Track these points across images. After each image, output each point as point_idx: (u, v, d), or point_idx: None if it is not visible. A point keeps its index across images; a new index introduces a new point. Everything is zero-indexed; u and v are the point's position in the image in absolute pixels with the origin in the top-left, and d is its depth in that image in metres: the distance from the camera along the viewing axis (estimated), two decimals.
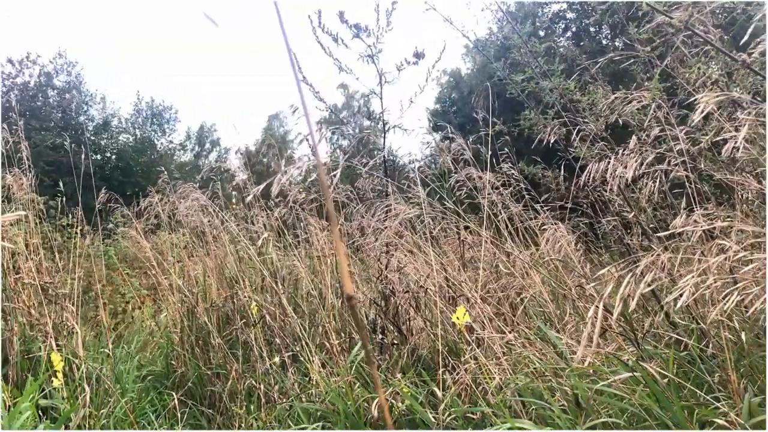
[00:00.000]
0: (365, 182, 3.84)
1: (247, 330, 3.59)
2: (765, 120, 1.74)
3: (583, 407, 1.90)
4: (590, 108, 3.14)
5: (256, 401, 3.22)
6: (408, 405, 2.46)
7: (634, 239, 2.83)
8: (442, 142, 4.07)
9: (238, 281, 4.08)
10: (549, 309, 2.74)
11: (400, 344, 3.08)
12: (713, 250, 1.86)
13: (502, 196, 3.48)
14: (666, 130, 2.24)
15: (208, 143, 30.94)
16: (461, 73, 21.46)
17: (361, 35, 4.03)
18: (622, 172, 2.07)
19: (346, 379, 2.70)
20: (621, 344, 2.16)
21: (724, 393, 1.92)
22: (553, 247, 2.92)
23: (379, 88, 4.02)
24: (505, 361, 2.31)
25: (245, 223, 4.68)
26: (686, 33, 1.91)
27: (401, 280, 3.25)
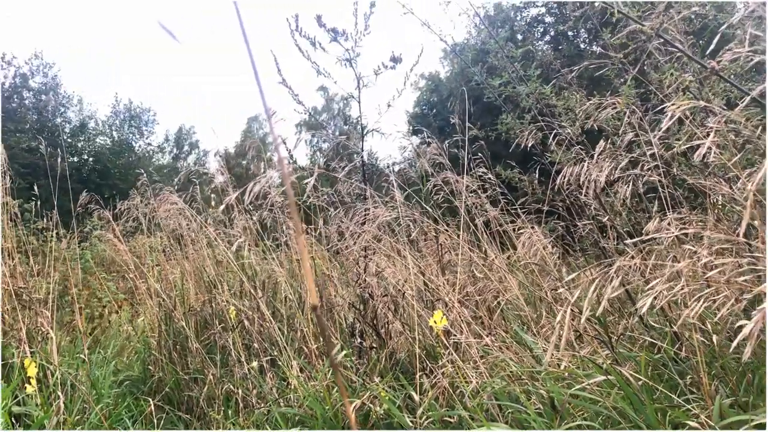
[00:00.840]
0: (344, 186, 3.84)
1: (225, 334, 3.58)
2: (735, 126, 1.78)
3: (558, 410, 1.91)
4: (566, 113, 3.17)
5: (234, 406, 3.20)
6: (386, 409, 2.47)
7: (609, 243, 2.86)
8: (420, 147, 4.08)
9: (216, 285, 4.05)
10: (525, 312, 2.76)
11: (378, 348, 3.08)
12: (686, 254, 1.88)
13: (480, 199, 3.50)
14: (639, 136, 2.27)
15: (187, 145, 30.76)
16: (440, 77, 21.56)
17: (338, 39, 4.03)
18: (596, 176, 2.09)
19: (324, 383, 2.70)
20: (596, 348, 2.18)
21: (697, 395, 1.95)
22: (529, 251, 2.95)
23: (357, 92, 4.03)
24: (482, 364, 2.32)
25: (224, 226, 4.65)
26: (658, 40, 1.94)
27: (380, 283, 3.26)
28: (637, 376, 1.84)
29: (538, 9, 17.70)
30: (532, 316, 2.75)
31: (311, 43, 3.99)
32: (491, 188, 3.64)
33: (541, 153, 3.41)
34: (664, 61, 2.34)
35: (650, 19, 1.87)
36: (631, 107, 2.28)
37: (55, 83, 22.64)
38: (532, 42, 14.71)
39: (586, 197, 2.64)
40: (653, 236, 1.90)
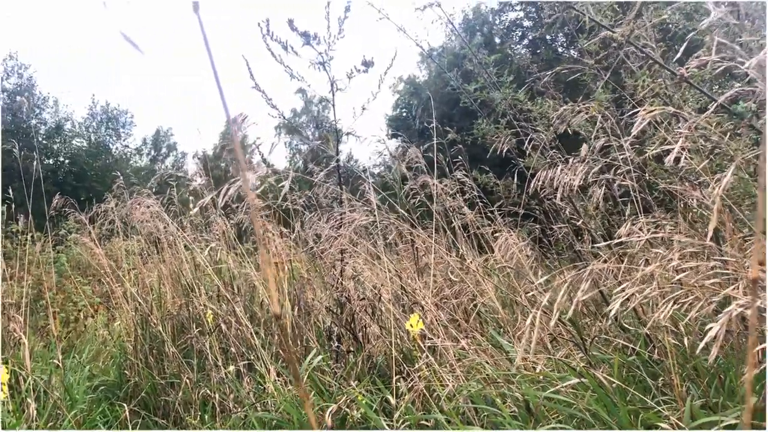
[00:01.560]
0: (320, 189, 3.84)
1: (202, 339, 3.55)
2: (705, 132, 1.81)
3: (533, 413, 1.93)
4: (541, 117, 3.20)
5: (211, 411, 3.18)
6: (362, 413, 2.47)
7: (584, 246, 2.89)
8: (397, 150, 4.09)
9: (193, 289, 4.03)
10: (501, 316, 2.78)
11: (356, 351, 3.08)
12: (657, 257, 1.91)
13: (457, 203, 3.52)
14: (612, 141, 2.30)
15: (165, 147, 30.50)
16: (418, 80, 21.63)
17: (311, 43, 4.03)
18: (570, 179, 2.11)
19: (301, 387, 2.69)
20: (570, 350, 2.20)
21: (670, 396, 1.98)
22: (505, 254, 2.97)
23: (331, 95, 4.03)
24: (458, 368, 2.33)
25: (201, 230, 4.63)
26: (629, 47, 1.97)
27: (357, 287, 3.26)
28: (611, 379, 1.86)
29: (516, 13, 17.85)
30: (508, 319, 2.77)
31: (283, 47, 3.99)
32: (469, 192, 3.66)
33: (516, 157, 3.44)
34: (637, 67, 2.37)
35: (622, 26, 1.89)
36: (603, 113, 2.31)
37: (30, 84, 22.35)
38: (510, 46, 14.81)
39: (561, 201, 2.66)
40: (625, 240, 1.93)
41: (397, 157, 4.30)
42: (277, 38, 3.93)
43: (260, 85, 4.05)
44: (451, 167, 3.85)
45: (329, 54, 3.97)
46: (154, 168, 27.68)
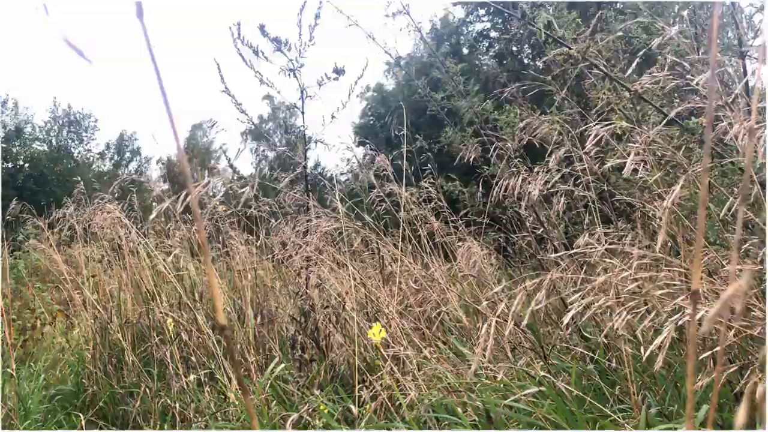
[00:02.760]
0: (286, 196, 3.82)
1: (163, 347, 3.50)
2: (661, 145, 1.85)
3: (493, 422, 1.94)
4: (507, 126, 3.24)
5: (171, 420, 3.13)
6: (324, 422, 2.45)
7: (545, 255, 2.92)
8: (364, 158, 4.09)
9: (154, 297, 3.97)
10: (464, 324, 2.79)
11: (318, 360, 3.06)
12: (615, 267, 1.94)
13: (423, 211, 3.53)
14: (573, 152, 2.33)
15: (129, 152, 30.03)
16: (385, 88, 21.67)
17: (282, 49, 4.02)
18: (531, 189, 2.14)
19: (262, 396, 2.67)
20: (531, 359, 2.22)
21: (627, 404, 2.01)
22: (467, 263, 2.98)
23: (301, 102, 4.02)
24: (420, 376, 2.33)
25: (163, 236, 4.56)
26: (585, 63, 2.01)
27: (321, 295, 3.24)
28: (569, 388, 1.88)
29: (484, 24, 18.03)
30: (471, 328, 2.78)
31: (254, 52, 3.97)
32: (436, 200, 3.68)
33: (482, 166, 3.47)
34: (597, 80, 2.42)
35: (579, 42, 1.93)
36: (564, 126, 2.34)
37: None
38: (478, 56, 14.99)
39: (523, 210, 2.69)
40: (583, 250, 1.96)
41: (365, 165, 4.31)
42: (249, 43, 3.91)
43: (228, 90, 4.03)
44: (420, 175, 3.87)
45: (299, 61, 3.97)
46: (118, 173, 27.27)
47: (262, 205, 4.01)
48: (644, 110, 2.19)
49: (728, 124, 1.75)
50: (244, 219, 4.15)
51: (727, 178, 2.07)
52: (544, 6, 2.49)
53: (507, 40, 3.13)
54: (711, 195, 1.97)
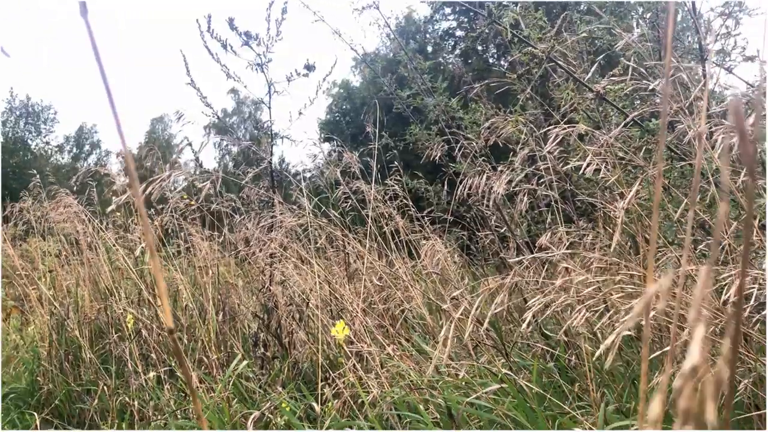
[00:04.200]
0: (251, 192, 3.78)
1: (122, 344, 3.43)
2: (622, 146, 1.87)
3: (454, 419, 1.94)
4: (472, 125, 3.25)
5: (129, 418, 3.08)
6: (286, 420, 2.44)
7: (508, 253, 2.94)
8: (330, 155, 4.08)
9: (113, 293, 3.89)
10: (428, 322, 2.80)
11: (281, 358, 3.04)
12: (576, 266, 1.96)
13: (388, 208, 3.53)
14: (537, 151, 2.36)
15: (88, 145, 29.40)
16: (352, 85, 21.63)
17: (250, 44, 3.98)
18: (495, 187, 2.15)
19: (223, 394, 2.64)
20: (493, 356, 2.24)
21: (587, 401, 2.04)
22: (431, 261, 2.99)
23: (268, 97, 3.98)
24: (383, 374, 2.33)
25: (123, 231, 4.48)
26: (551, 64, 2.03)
27: (285, 292, 3.22)
28: (530, 385, 1.90)
29: (449, 23, 18.12)
30: (434, 326, 2.79)
31: (222, 46, 3.92)
32: (402, 198, 3.68)
33: (447, 164, 3.48)
34: (561, 81, 2.44)
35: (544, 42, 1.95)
36: (529, 125, 2.36)
37: None
38: (443, 55, 15.05)
39: (487, 208, 2.71)
40: (545, 248, 1.98)
41: (331, 161, 4.29)
42: (217, 36, 3.85)
43: (194, 83, 3.97)
44: (386, 173, 3.86)
45: (267, 56, 3.92)
46: (76, 166, 26.68)
47: (225, 200, 3.96)
48: (606, 112, 2.23)
49: (687, 126, 1.78)
50: (207, 214, 4.09)
51: (686, 180, 2.12)
52: (510, 6, 2.51)
53: (473, 39, 3.14)
54: (670, 196, 2.00)
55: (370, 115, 4.07)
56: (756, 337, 1.79)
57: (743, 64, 2.43)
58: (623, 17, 2.94)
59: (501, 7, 2.54)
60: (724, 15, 2.49)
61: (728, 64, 2.49)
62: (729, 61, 2.55)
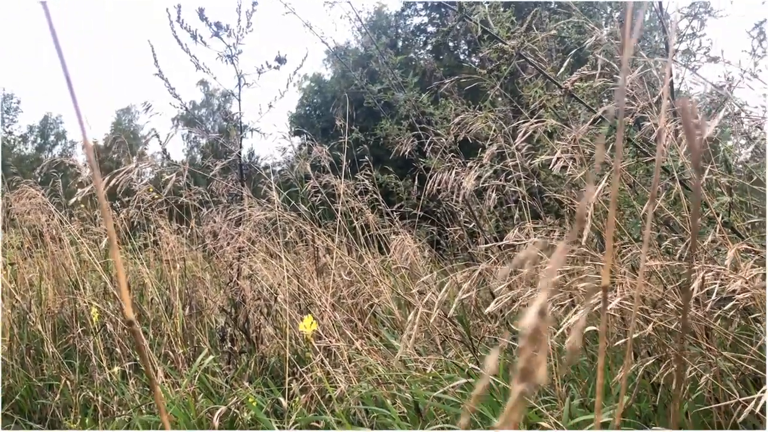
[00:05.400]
0: (219, 185, 3.74)
1: (86, 338, 3.38)
2: (589, 143, 1.90)
3: (421, 414, 1.95)
4: (442, 121, 3.26)
5: (93, 414, 3.03)
6: (253, 415, 2.42)
7: (477, 248, 2.96)
8: (301, 148, 4.05)
9: (77, 286, 3.82)
10: (396, 317, 2.81)
11: (249, 353, 3.02)
12: (544, 261, 1.98)
13: (358, 203, 3.52)
14: (505, 148, 2.37)
15: (53, 136, 28.81)
16: (323, 78, 21.53)
17: (221, 35, 3.93)
18: (463, 183, 2.16)
19: (189, 389, 2.61)
20: (460, 351, 2.25)
21: (552, 396, 2.06)
22: (400, 256, 3.00)
23: (237, 89, 3.94)
24: (351, 369, 2.33)
25: (89, 223, 4.40)
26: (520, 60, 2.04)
27: (253, 287, 3.19)
28: (496, 379, 1.91)
29: (421, 18, 18.15)
30: (402, 320, 2.80)
31: (192, 36, 3.87)
32: (372, 192, 3.68)
33: (417, 159, 3.48)
34: (530, 77, 2.46)
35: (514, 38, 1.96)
36: (498, 122, 2.38)
37: None
38: (414, 50, 15.07)
39: (456, 204, 2.72)
40: (513, 243, 1.99)
41: (301, 155, 4.26)
42: (187, 26, 3.80)
43: (162, 74, 3.91)
44: (356, 167, 3.86)
45: (237, 48, 3.88)
46: (41, 157, 26.12)
47: (193, 193, 3.92)
48: (574, 109, 2.25)
49: (653, 124, 1.81)
50: (174, 207, 4.04)
51: (651, 177, 2.15)
52: (481, 2, 2.52)
53: (443, 34, 3.16)
54: (635, 193, 2.03)
55: (340, 109, 4.06)
56: (718, 332, 1.83)
57: (708, 65, 2.47)
58: (593, 16, 2.97)
59: (472, 4, 2.55)
60: (689, 16, 2.54)
61: (693, 65, 2.53)
62: (694, 61, 2.60)
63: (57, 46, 0.39)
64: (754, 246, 1.77)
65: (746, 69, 2.55)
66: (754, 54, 2.59)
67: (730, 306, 1.63)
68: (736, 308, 1.68)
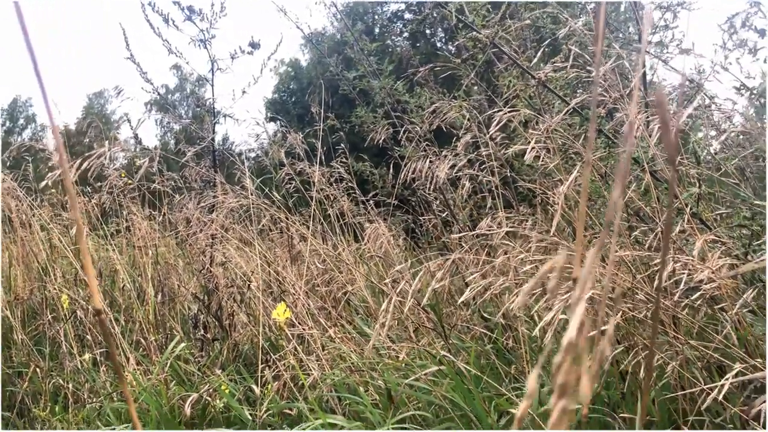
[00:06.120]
0: (192, 171, 3.70)
1: (56, 325, 3.34)
2: (562, 133, 1.91)
3: (393, 401, 1.96)
4: (417, 110, 3.26)
5: (63, 401, 3.00)
6: (225, 402, 2.42)
7: (451, 237, 2.98)
8: (275, 135, 4.02)
9: (47, 272, 3.77)
10: (370, 305, 2.81)
11: (221, 340, 3.01)
12: (515, 250, 2.00)
13: (335, 191, 3.52)
14: (480, 137, 2.38)
15: (22, 119, 28.22)
16: (300, 64, 21.34)
17: (193, 19, 3.88)
18: (437, 172, 2.17)
19: (161, 376, 2.60)
20: (433, 339, 2.27)
21: (523, 383, 2.08)
22: (374, 244, 3.00)
23: (211, 74, 3.90)
24: (323, 356, 2.33)
25: (60, 208, 4.33)
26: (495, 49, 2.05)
27: (226, 274, 3.18)
28: (468, 367, 1.93)
29: (398, 5, 18.08)
30: (376, 308, 2.81)
31: (164, 20, 3.82)
32: (348, 180, 3.67)
33: (392, 147, 3.48)
34: (504, 67, 2.47)
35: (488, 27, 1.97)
36: (472, 111, 2.38)
37: None
38: (391, 37, 15.02)
39: (429, 192, 2.73)
40: (486, 232, 2.01)
41: (276, 141, 4.24)
42: (159, 10, 3.75)
43: (133, 57, 3.85)
44: (332, 155, 3.84)
45: (210, 32, 3.84)
46: (10, 140, 25.59)
47: (166, 179, 3.87)
48: (548, 99, 2.27)
49: (625, 115, 1.83)
50: (147, 193, 3.99)
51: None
52: None
53: (418, 22, 3.15)
54: (607, 184, 2.06)
55: (315, 95, 4.04)
56: (685, 321, 1.86)
57: (680, 57, 2.50)
58: (568, 6, 2.98)
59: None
60: (663, 8, 2.56)
61: (666, 56, 2.56)
62: (666, 53, 2.63)
63: (22, 26, 0.39)
64: (721, 237, 1.80)
65: (717, 62, 2.59)
66: (724, 47, 2.63)
67: (698, 296, 1.66)
68: (703, 298, 1.71)
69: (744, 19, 2.71)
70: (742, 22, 2.71)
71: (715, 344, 1.69)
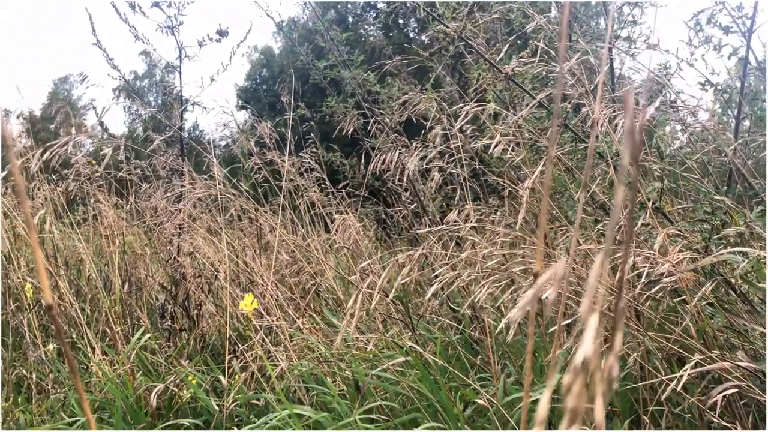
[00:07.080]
0: (160, 160, 3.65)
1: (20, 314, 3.28)
2: (529, 128, 1.93)
3: (361, 391, 1.98)
4: (388, 101, 3.26)
5: (26, 392, 2.96)
6: (192, 393, 2.41)
7: (421, 228, 2.99)
8: (245, 124, 3.99)
9: (11, 261, 3.70)
10: (339, 295, 2.82)
11: (188, 330, 2.99)
12: (483, 241, 2.02)
13: (306, 181, 3.50)
14: (449, 129, 2.39)
15: None
16: (273, 51, 21.14)
17: (161, 5, 3.83)
18: (407, 163, 2.18)
19: (126, 366, 2.57)
20: (401, 330, 2.28)
21: (488, 374, 2.11)
22: (343, 235, 3.00)
23: (178, 62, 3.85)
24: (292, 347, 2.33)
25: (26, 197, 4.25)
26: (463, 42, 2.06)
27: (193, 264, 3.15)
28: (434, 358, 1.95)
29: None
30: (344, 299, 2.81)
31: (130, 6, 3.76)
32: (318, 170, 3.65)
33: (363, 138, 3.48)
34: (473, 60, 2.48)
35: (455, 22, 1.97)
36: (442, 103, 2.39)
37: None
38: (364, 26, 14.94)
39: (399, 184, 2.74)
40: (452, 227, 2.02)
41: (245, 130, 4.20)
42: None
43: (100, 43, 3.79)
44: (302, 144, 3.82)
45: (179, 19, 3.79)
46: None
47: (133, 167, 3.82)
48: (518, 92, 2.28)
49: (590, 110, 1.85)
50: (114, 182, 3.94)
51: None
52: None
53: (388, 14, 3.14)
54: (573, 178, 2.08)
55: (286, 84, 4.01)
56: (647, 313, 1.90)
57: (647, 53, 2.54)
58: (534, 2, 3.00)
59: None
60: (630, 3, 2.59)
61: (633, 51, 2.60)
62: (634, 48, 2.66)
63: None
64: (682, 231, 1.84)
65: (683, 58, 2.63)
66: (690, 44, 2.68)
67: (658, 288, 1.69)
68: (664, 290, 1.75)
69: (709, 16, 2.75)
70: (708, 19, 2.76)
71: (674, 336, 1.73)
